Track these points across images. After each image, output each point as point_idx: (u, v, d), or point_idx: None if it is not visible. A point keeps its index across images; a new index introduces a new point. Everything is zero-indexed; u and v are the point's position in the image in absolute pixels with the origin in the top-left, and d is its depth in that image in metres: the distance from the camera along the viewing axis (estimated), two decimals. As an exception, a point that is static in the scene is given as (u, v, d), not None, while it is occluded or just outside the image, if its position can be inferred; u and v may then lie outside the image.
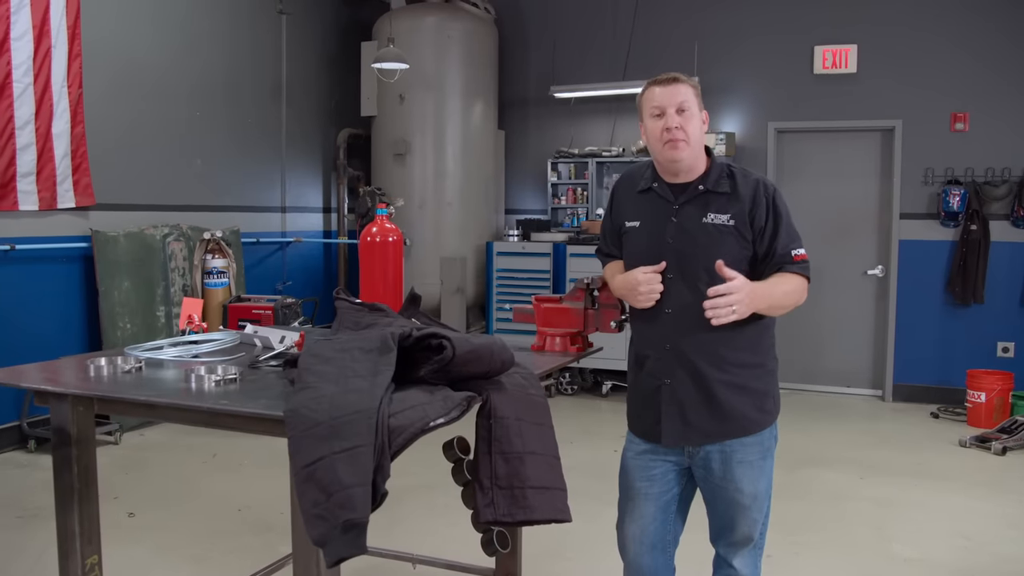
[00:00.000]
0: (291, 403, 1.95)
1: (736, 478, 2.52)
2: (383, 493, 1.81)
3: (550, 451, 2.25)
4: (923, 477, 5.23)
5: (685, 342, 2.46)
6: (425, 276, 7.74)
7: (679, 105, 2.41)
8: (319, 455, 1.83)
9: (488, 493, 2.14)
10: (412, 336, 2.12)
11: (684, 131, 2.41)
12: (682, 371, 2.48)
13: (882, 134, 7.34)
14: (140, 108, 6.29)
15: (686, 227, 2.47)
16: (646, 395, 2.56)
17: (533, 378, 2.35)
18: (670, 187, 2.52)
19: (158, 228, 6.26)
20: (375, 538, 4.14)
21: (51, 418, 2.34)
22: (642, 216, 2.56)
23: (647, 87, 2.50)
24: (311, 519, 1.80)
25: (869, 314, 7.51)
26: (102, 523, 4.32)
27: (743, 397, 2.49)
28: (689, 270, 2.45)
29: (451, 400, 1.94)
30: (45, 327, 5.64)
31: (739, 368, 2.48)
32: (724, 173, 2.50)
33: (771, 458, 2.60)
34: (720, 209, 2.45)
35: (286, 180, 7.83)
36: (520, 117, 8.54)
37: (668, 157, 2.44)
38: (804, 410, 7.01)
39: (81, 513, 2.36)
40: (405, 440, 1.84)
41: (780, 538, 4.21)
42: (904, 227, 7.23)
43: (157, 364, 2.56)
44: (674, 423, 2.51)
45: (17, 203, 5.43)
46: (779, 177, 7.64)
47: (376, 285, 2.99)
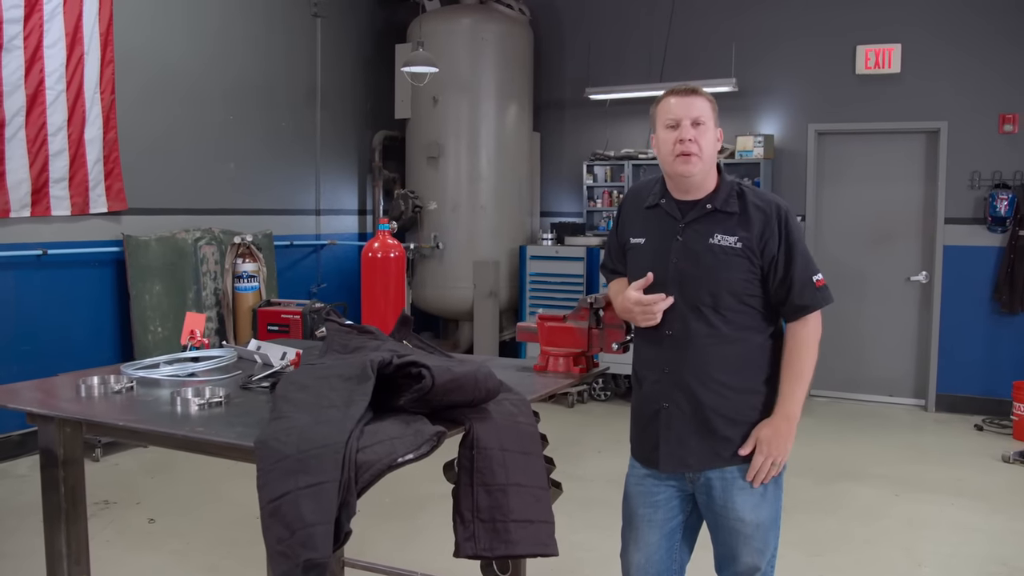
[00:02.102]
0: (262, 434, 1.91)
1: (737, 506, 2.43)
2: (347, 532, 1.76)
3: (536, 482, 2.17)
4: (961, 495, 5.04)
5: (684, 366, 2.39)
6: (458, 280, 7.72)
7: (695, 118, 2.35)
8: (285, 490, 1.78)
9: (469, 526, 2.08)
10: (392, 364, 2.06)
11: (698, 145, 2.34)
12: (680, 395, 2.40)
13: (927, 136, 7.11)
14: (174, 113, 6.34)
15: (691, 247, 2.39)
16: (645, 419, 2.50)
17: (524, 405, 2.28)
18: (678, 204, 2.44)
19: (190, 232, 6.31)
20: (395, 548, 4.14)
21: (39, 439, 2.33)
22: (648, 233, 2.49)
23: (663, 97, 2.43)
24: (275, 556, 1.76)
25: (912, 321, 7.29)
26: (124, 528, 4.41)
27: (743, 423, 2.41)
28: (691, 292, 2.37)
29: (421, 435, 1.88)
30: (77, 331, 5.72)
31: (740, 394, 2.40)
32: (734, 192, 2.42)
33: (777, 487, 2.50)
34: (728, 231, 2.37)
35: (321, 183, 7.85)
36: (556, 119, 8.46)
37: (679, 172, 2.37)
38: (843, 420, 6.83)
39: (68, 534, 2.35)
40: (372, 476, 1.79)
41: (805, 559, 4.10)
42: (949, 232, 6.99)
43: (152, 383, 2.55)
44: (672, 448, 2.43)
45: (50, 208, 5.51)
46: (819, 180, 7.45)
47: (377, 300, 2.95)
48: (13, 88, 5.21)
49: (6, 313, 5.32)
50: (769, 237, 2.35)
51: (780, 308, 2.43)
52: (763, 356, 2.44)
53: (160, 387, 2.51)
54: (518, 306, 7.88)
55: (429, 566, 3.55)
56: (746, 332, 2.40)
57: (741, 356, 2.39)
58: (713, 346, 2.37)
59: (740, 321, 2.38)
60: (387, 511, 4.44)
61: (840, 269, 7.37)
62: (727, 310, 2.36)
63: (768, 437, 2.37)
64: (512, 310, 8.01)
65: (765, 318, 2.43)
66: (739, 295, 2.37)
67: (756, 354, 2.42)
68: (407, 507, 4.51)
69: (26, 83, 5.27)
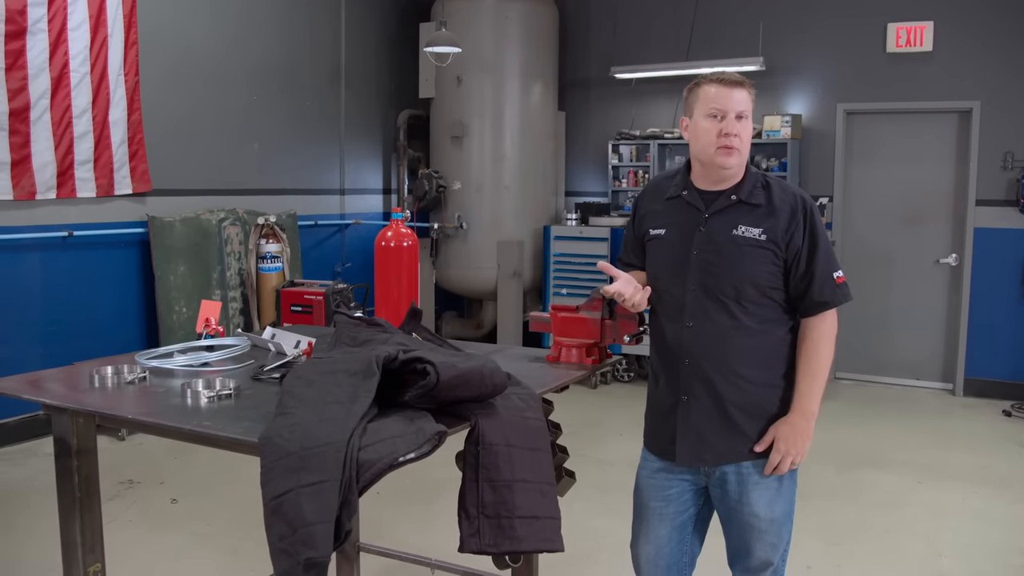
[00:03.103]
0: (266, 430, 1.92)
1: (752, 501, 2.42)
2: (347, 531, 1.77)
3: (542, 478, 2.17)
4: (985, 483, 4.98)
5: (704, 358, 2.37)
6: (482, 260, 7.71)
7: (740, 112, 2.31)
8: (286, 488, 1.79)
9: (474, 522, 2.08)
10: (397, 360, 2.06)
11: (740, 139, 2.31)
12: (700, 388, 2.39)
13: (959, 116, 6.97)
14: (198, 94, 6.36)
15: (714, 238, 2.36)
16: (663, 411, 2.49)
17: (532, 399, 2.27)
18: (701, 195, 2.41)
19: (214, 213, 6.34)
20: (412, 532, 4.16)
21: (53, 429, 2.36)
22: (668, 224, 2.46)
23: (706, 83, 2.36)
24: (277, 553, 1.77)
25: (941, 304, 7.18)
26: (147, 508, 4.47)
27: (762, 418, 2.39)
28: (714, 284, 2.35)
29: (423, 433, 1.87)
30: (103, 312, 5.78)
31: (760, 388, 2.39)
32: (759, 184, 2.39)
33: (791, 482, 2.48)
34: (752, 222, 2.34)
35: (345, 162, 7.86)
36: (581, 98, 8.39)
37: (720, 163, 2.33)
38: (868, 403, 6.76)
39: (83, 522, 2.39)
40: (372, 476, 1.79)
41: (823, 548, 4.08)
42: (980, 214, 6.87)
43: (165, 373, 2.57)
44: (689, 442, 2.42)
45: (75, 190, 5.56)
46: (848, 161, 7.34)
47: (391, 289, 2.95)
48: (38, 71, 5.25)
49: (33, 295, 5.40)
50: (795, 230, 2.33)
51: (798, 303, 2.39)
52: (784, 350, 2.42)
53: (173, 377, 2.53)
54: (542, 286, 7.86)
55: (444, 552, 3.56)
56: (768, 325, 2.38)
57: (762, 350, 2.37)
58: (734, 339, 2.36)
59: (762, 314, 2.36)
60: (406, 495, 4.46)
61: (868, 250, 7.28)
62: (749, 302, 2.34)
63: (786, 434, 2.35)
64: (536, 290, 8.00)
65: (786, 312, 2.41)
66: (762, 288, 2.34)
67: (777, 348, 2.40)
68: (426, 491, 4.53)
69: (51, 66, 5.31)
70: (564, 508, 2.83)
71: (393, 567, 3.55)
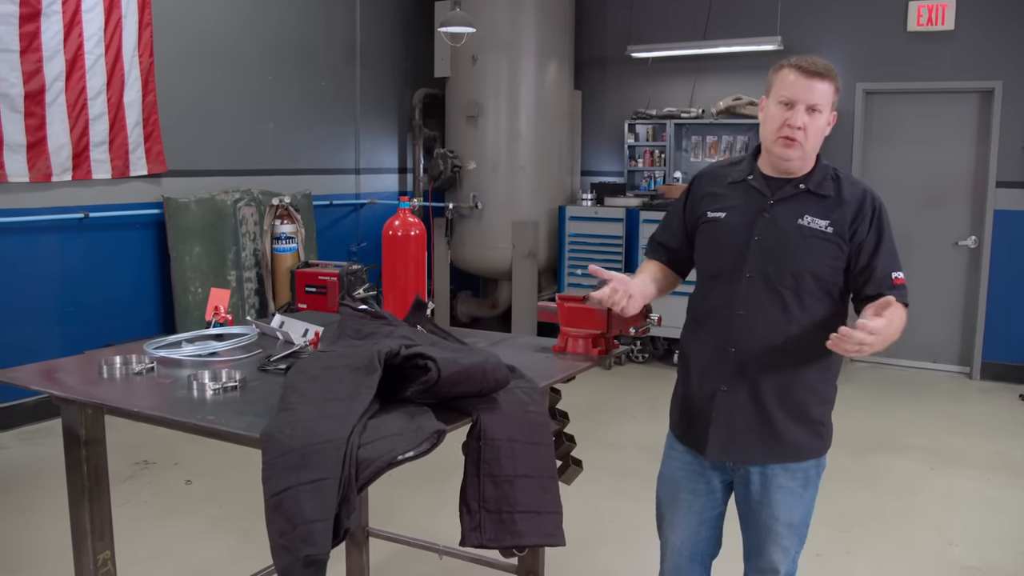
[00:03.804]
0: (268, 426, 1.93)
1: (773, 503, 2.36)
2: (346, 528, 1.79)
3: (544, 473, 2.17)
4: (1000, 470, 4.96)
5: (752, 350, 2.28)
6: (497, 240, 7.70)
7: (813, 104, 2.19)
8: (287, 484, 1.81)
9: (475, 516, 2.09)
10: (399, 355, 2.07)
11: (805, 132, 2.20)
12: (741, 381, 2.30)
13: (980, 96, 6.87)
14: (212, 75, 6.37)
15: (779, 226, 2.27)
16: (699, 401, 2.38)
17: (535, 393, 2.27)
18: (767, 180, 2.33)
19: (229, 193, 6.36)
20: (422, 516, 4.19)
21: (62, 419, 2.39)
22: (730, 207, 2.35)
23: (788, 66, 2.24)
24: (277, 549, 1.79)
25: (959, 287, 7.12)
26: (161, 489, 4.52)
27: (799, 423, 2.32)
28: (773, 273, 2.26)
29: (422, 432, 1.88)
30: (119, 292, 5.83)
31: (802, 389, 2.30)
32: (829, 176, 2.31)
33: (814, 488, 2.42)
34: (819, 213, 2.26)
35: (360, 142, 7.85)
36: (598, 77, 8.32)
37: (779, 154, 2.25)
38: (884, 386, 6.73)
39: (92, 511, 2.41)
40: (371, 474, 1.80)
41: (834, 534, 4.07)
42: (1000, 196, 6.78)
43: (173, 363, 2.59)
44: (721, 434, 2.33)
45: (91, 172, 5.59)
46: (867, 141, 7.26)
47: (398, 278, 2.95)
48: (52, 53, 5.26)
49: (50, 276, 5.45)
50: (860, 223, 2.25)
51: (854, 300, 2.31)
52: (831, 354, 2.24)
53: (181, 367, 2.55)
54: (557, 267, 7.85)
55: (452, 538, 3.58)
56: (821, 322, 2.26)
57: (812, 348, 2.23)
58: (786, 332, 2.26)
59: (818, 310, 2.27)
60: (417, 478, 4.48)
61: (886, 233, 7.21)
62: (808, 295, 2.25)
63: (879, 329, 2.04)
64: (551, 271, 7.99)
65: (842, 311, 2.32)
66: (823, 281, 2.25)
67: (825, 350, 2.19)
68: (437, 474, 4.53)
69: (65, 48, 5.32)
70: (574, 491, 2.86)
71: (401, 552, 3.58)
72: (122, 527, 3.93)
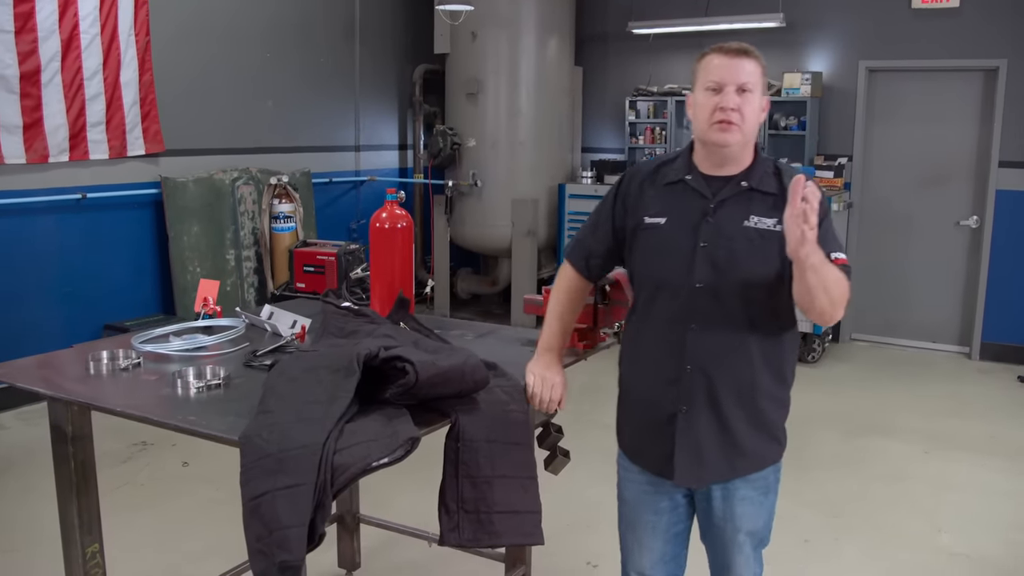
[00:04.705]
0: (247, 429, 1.96)
1: (736, 516, 2.26)
2: (321, 533, 1.81)
3: (523, 472, 2.20)
4: (993, 454, 4.97)
5: (710, 365, 2.14)
6: (496, 217, 7.69)
7: (741, 84, 2.07)
8: (264, 489, 1.83)
9: (454, 517, 2.12)
10: (378, 357, 2.08)
11: (740, 114, 2.07)
12: (702, 399, 2.16)
13: (984, 74, 6.80)
14: (210, 52, 6.34)
15: (724, 230, 2.12)
16: (656, 424, 2.22)
17: (516, 392, 2.29)
18: (707, 180, 2.17)
19: (227, 172, 6.36)
20: (411, 505, 4.21)
21: (49, 416, 2.42)
22: (669, 212, 2.18)
23: (708, 53, 2.15)
24: (254, 553, 1.82)
25: (960, 267, 7.09)
26: (158, 471, 4.56)
27: (760, 433, 2.21)
28: (723, 281, 2.11)
29: (397, 438, 1.90)
30: (117, 272, 5.85)
31: (762, 398, 2.18)
32: (770, 170, 2.18)
33: (774, 493, 2.33)
34: (765, 212, 2.11)
35: (360, 119, 7.83)
36: (599, 53, 8.26)
37: (716, 140, 2.10)
38: (882, 366, 6.73)
39: (80, 505, 2.45)
40: (346, 480, 1.83)
41: (823, 520, 4.10)
42: (1003, 176, 6.73)
43: (161, 358, 2.61)
44: (690, 459, 2.19)
45: (88, 152, 5.59)
46: (869, 120, 7.20)
47: (384, 270, 2.95)
48: (48, 34, 5.24)
49: (48, 257, 5.46)
50: None
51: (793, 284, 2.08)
52: (792, 358, 2.24)
53: (168, 362, 2.57)
54: (556, 245, 7.84)
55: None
56: (777, 327, 2.18)
57: (773, 355, 2.18)
58: (744, 342, 2.14)
59: (772, 313, 2.15)
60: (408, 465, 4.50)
61: (888, 211, 7.19)
62: (762, 301, 2.12)
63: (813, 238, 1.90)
64: (551, 248, 7.98)
65: (793, 312, 2.19)
66: (775, 282, 2.08)
67: (786, 354, 2.22)
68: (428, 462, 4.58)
69: (60, 28, 5.30)
70: (565, 475, 2.88)
71: (392, 538, 3.61)
72: (119, 510, 4.00)
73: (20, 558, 3.66)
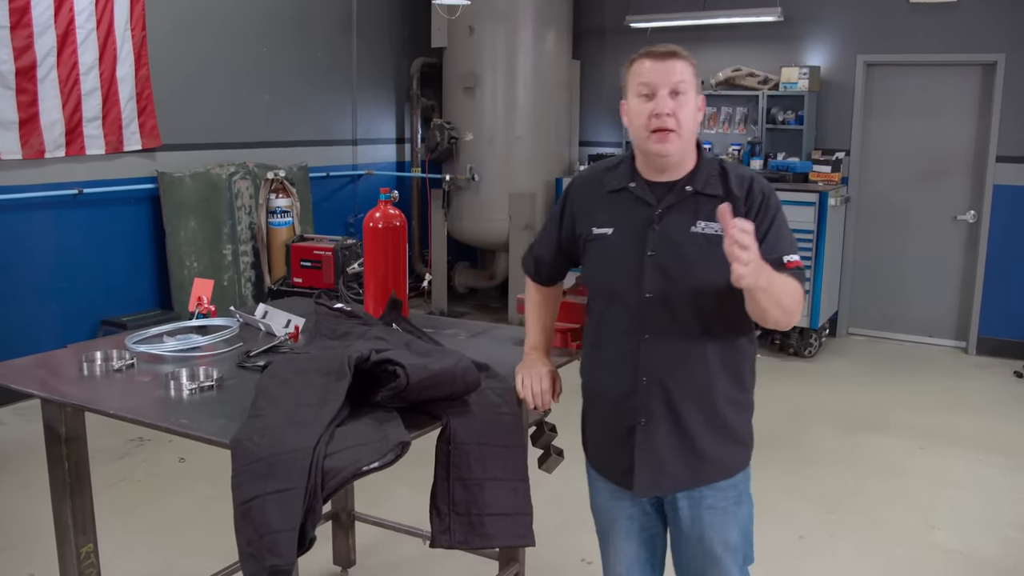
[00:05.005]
0: (238, 432, 1.96)
1: (705, 525, 2.19)
2: (311, 537, 1.82)
3: (515, 475, 2.21)
4: (988, 450, 4.97)
5: (666, 375, 2.10)
6: (494, 212, 7.68)
7: (674, 86, 2.01)
8: (255, 493, 1.84)
9: (445, 519, 2.13)
10: (370, 360, 2.08)
11: (676, 119, 2.01)
12: (661, 408, 2.11)
13: (982, 69, 6.79)
14: (206, 47, 6.33)
15: (671, 237, 2.06)
16: (616, 437, 2.19)
17: (508, 394, 2.29)
18: (650, 187, 2.11)
19: (224, 167, 6.36)
20: (408, 501, 4.21)
21: (42, 416, 2.42)
22: (615, 222, 2.14)
23: (637, 58, 2.08)
24: (245, 556, 1.83)
25: (957, 261, 7.09)
26: (155, 467, 4.57)
27: (723, 439, 2.16)
28: (673, 289, 2.06)
29: (387, 442, 1.90)
30: (114, 268, 5.85)
31: (722, 404, 2.13)
32: (715, 171, 2.11)
33: (748, 503, 2.26)
34: (712, 216, 2.01)
35: (357, 112, 7.82)
36: (596, 47, 8.25)
37: (655, 150, 2.04)
38: (878, 361, 6.74)
39: (74, 506, 2.46)
40: (336, 484, 1.83)
41: (819, 516, 4.12)
42: (1000, 171, 6.73)
43: (154, 359, 2.61)
44: (650, 470, 2.15)
45: (84, 148, 5.58)
46: (867, 114, 7.19)
47: (378, 270, 2.95)
48: (43, 29, 5.23)
49: (45, 252, 5.46)
50: (749, 213, 2.04)
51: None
52: (750, 364, 2.20)
53: (162, 362, 2.58)
54: (554, 239, 7.82)
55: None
56: (733, 333, 2.12)
57: (730, 362, 2.13)
58: (700, 351, 2.09)
59: (727, 320, 2.08)
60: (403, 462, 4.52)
61: (885, 206, 7.19)
62: (715, 308, 2.05)
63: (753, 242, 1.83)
64: (548, 243, 7.96)
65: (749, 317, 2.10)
66: (727, 291, 1.95)
67: (745, 360, 2.18)
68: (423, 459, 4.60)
69: (56, 23, 5.29)
70: (560, 472, 2.88)
71: (387, 536, 3.62)
72: (116, 505, 4.01)
73: (18, 555, 3.67)
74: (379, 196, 3.02)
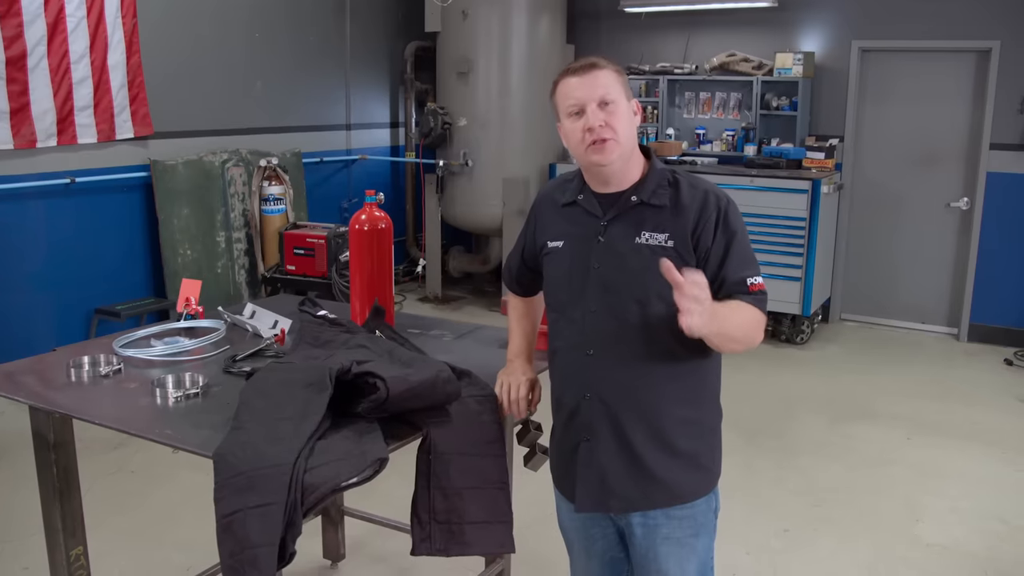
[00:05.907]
0: (220, 446, 1.99)
1: (659, 556, 2.12)
2: (292, 552, 1.85)
3: (495, 483, 2.23)
4: (974, 440, 5.01)
5: (610, 391, 2.06)
6: (487, 197, 7.68)
7: (600, 97, 1.98)
8: (236, 508, 1.87)
9: (426, 527, 2.16)
10: (351, 372, 2.11)
11: (611, 128, 1.97)
12: (605, 426, 2.07)
13: (977, 56, 6.77)
14: (197, 33, 6.31)
15: (615, 249, 2.04)
16: (566, 452, 2.18)
17: (489, 401, 2.32)
18: (598, 199, 2.09)
19: (216, 155, 6.35)
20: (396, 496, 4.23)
21: (30, 422, 2.45)
22: (566, 235, 2.13)
23: (560, 80, 2.06)
24: (227, 569, 1.86)
25: (949, 248, 7.11)
26: (149, 459, 4.61)
27: (675, 461, 2.08)
28: (617, 303, 2.02)
29: (366, 458, 1.93)
30: (108, 257, 5.87)
31: (673, 424, 2.06)
32: (665, 181, 2.06)
33: (708, 536, 2.18)
34: (657, 227, 2.01)
35: (351, 97, 7.80)
36: (591, 31, 8.21)
37: (595, 160, 2.01)
38: (869, 348, 6.77)
39: (63, 510, 2.49)
40: (316, 499, 1.86)
41: (803, 509, 4.16)
42: (994, 158, 6.73)
43: (142, 363, 2.63)
44: (590, 488, 2.13)
45: (76, 136, 5.58)
46: (861, 100, 7.18)
47: (365, 273, 2.96)
48: (33, 17, 5.21)
49: (37, 242, 5.47)
50: (703, 231, 2.00)
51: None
52: (708, 380, 2.14)
53: (149, 367, 2.59)
54: (548, 224, 7.83)
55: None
56: (686, 352, 2.02)
57: (680, 379, 2.07)
58: (645, 368, 2.04)
59: (674, 334, 1.88)
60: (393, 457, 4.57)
61: (878, 192, 7.20)
62: (659, 322, 1.97)
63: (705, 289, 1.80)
64: (542, 228, 7.97)
65: None
66: (672, 303, 1.83)
67: (701, 379, 2.11)
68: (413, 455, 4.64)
69: (46, 11, 5.27)
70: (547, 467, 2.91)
71: (376, 530, 3.66)
72: (110, 497, 4.05)
73: (12, 549, 3.72)
74: (365, 199, 3.02)
